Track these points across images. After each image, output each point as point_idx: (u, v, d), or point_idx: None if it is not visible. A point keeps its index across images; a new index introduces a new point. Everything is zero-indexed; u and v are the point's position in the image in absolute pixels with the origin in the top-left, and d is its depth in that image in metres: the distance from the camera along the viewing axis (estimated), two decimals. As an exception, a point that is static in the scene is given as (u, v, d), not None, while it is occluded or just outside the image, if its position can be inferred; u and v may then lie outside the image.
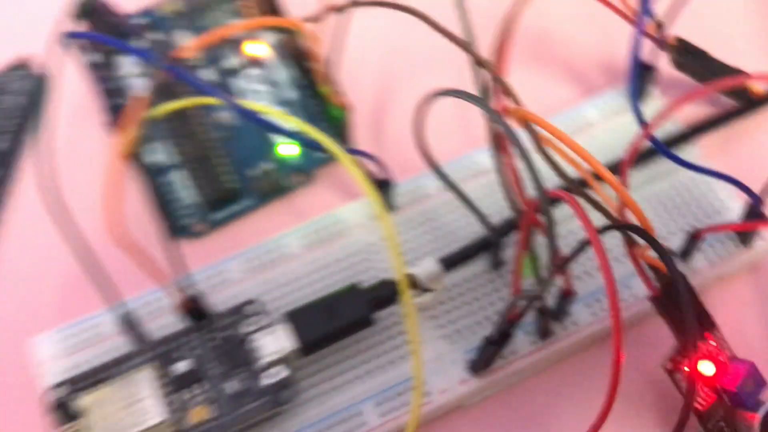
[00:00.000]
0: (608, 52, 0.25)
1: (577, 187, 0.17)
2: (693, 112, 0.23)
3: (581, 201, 0.17)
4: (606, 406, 0.15)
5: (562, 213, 0.19)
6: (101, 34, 0.22)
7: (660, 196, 0.22)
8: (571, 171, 0.18)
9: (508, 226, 0.20)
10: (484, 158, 0.22)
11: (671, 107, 0.16)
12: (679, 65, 0.22)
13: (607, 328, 0.20)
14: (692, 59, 0.22)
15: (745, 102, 0.23)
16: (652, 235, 0.15)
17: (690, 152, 0.22)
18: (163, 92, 0.21)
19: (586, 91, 0.24)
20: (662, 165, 0.22)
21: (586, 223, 0.14)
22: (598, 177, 0.16)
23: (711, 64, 0.22)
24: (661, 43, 0.21)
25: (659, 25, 0.20)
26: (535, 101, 0.21)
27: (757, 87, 0.23)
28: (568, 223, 0.21)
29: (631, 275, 0.20)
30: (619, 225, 0.15)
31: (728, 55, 0.23)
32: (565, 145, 0.15)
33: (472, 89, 0.17)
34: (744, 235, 0.21)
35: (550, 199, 0.16)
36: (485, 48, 0.19)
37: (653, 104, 0.23)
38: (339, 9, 0.20)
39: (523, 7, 0.18)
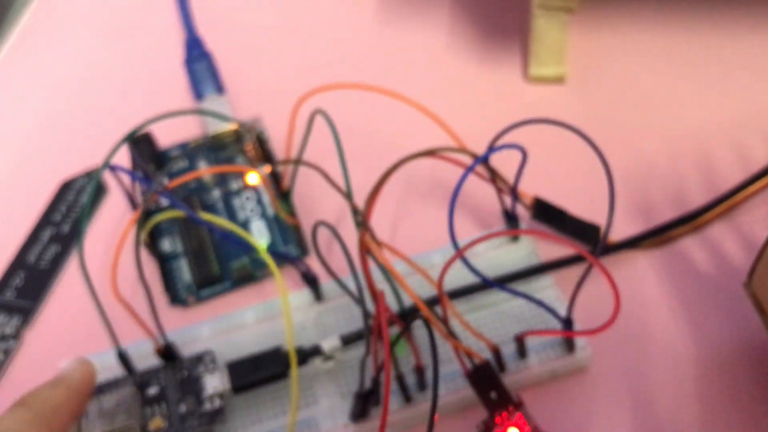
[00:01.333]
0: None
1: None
2: (559, 251, 0.31)
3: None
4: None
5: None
6: (139, 160, 0.32)
7: (513, 310, 0.30)
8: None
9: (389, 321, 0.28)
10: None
11: (475, 241, 0.24)
12: (536, 218, 0.30)
13: (460, 399, 0.28)
14: (548, 215, 0.30)
15: (598, 247, 0.31)
16: (435, 328, 0.23)
17: (542, 281, 0.30)
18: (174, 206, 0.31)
19: (483, 228, 0.33)
20: (521, 286, 0.30)
21: (384, 326, 0.23)
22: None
23: (565, 218, 0.30)
24: (518, 200, 0.29)
25: (514, 188, 0.29)
26: (442, 232, 0.29)
27: (610, 236, 0.30)
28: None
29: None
30: (407, 314, 0.23)
31: (589, 211, 0.31)
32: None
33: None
34: (568, 342, 0.28)
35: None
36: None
37: (522, 245, 0.31)
38: (282, 164, 0.30)
39: (396, 168, 0.27)
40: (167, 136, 0.35)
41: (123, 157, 0.32)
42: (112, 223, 0.34)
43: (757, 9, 0.39)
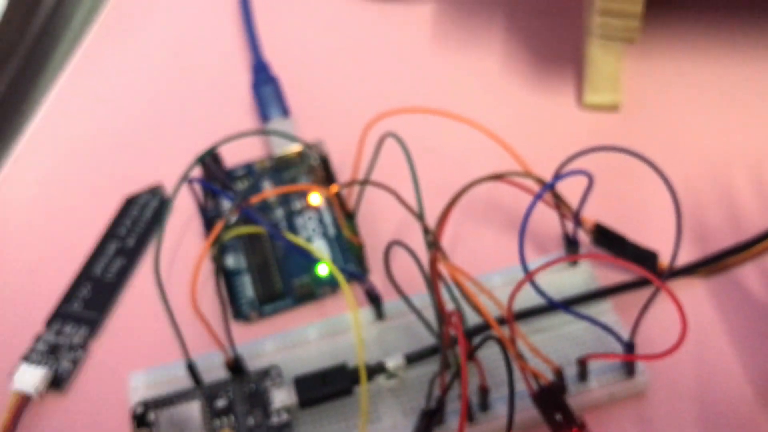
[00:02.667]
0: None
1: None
2: (616, 277, 0.32)
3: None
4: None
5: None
6: (209, 179, 0.33)
7: (572, 334, 0.30)
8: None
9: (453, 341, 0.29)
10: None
11: (546, 265, 0.25)
12: (597, 244, 0.31)
13: (520, 420, 0.28)
14: (607, 240, 0.31)
15: (666, 272, 0.31)
16: (509, 349, 0.24)
17: (601, 306, 0.31)
18: (244, 221, 0.32)
19: (541, 252, 0.33)
20: (579, 311, 0.30)
21: (462, 342, 0.23)
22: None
23: (624, 244, 0.31)
24: (579, 226, 0.30)
25: (577, 214, 0.29)
26: (501, 254, 0.30)
27: (664, 262, 0.31)
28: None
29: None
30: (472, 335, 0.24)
31: (644, 237, 0.32)
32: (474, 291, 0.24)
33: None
34: (628, 366, 0.29)
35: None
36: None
37: (581, 269, 0.32)
38: (349, 185, 0.30)
39: (466, 191, 0.27)
40: (232, 156, 0.36)
41: (176, 175, 0.33)
42: (175, 236, 0.35)
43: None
